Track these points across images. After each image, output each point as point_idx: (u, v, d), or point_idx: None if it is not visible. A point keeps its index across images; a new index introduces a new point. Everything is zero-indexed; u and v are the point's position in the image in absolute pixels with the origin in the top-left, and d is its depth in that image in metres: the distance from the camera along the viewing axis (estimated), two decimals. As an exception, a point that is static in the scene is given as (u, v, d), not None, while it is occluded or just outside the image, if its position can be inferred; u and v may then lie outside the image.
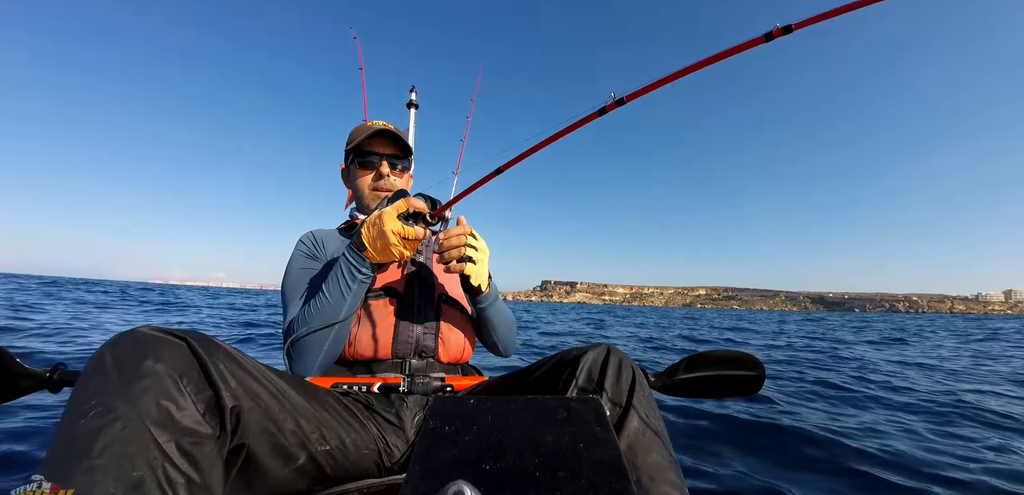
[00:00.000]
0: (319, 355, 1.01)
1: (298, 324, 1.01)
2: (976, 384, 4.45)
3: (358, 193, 1.30)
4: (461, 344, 1.18)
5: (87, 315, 8.36)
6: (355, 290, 1.01)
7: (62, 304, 10.53)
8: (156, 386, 0.58)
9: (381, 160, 1.27)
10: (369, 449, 0.90)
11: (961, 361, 6.50)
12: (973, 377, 4.93)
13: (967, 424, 2.90)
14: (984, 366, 5.91)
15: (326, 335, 1.00)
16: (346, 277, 1.01)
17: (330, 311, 1.00)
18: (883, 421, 2.89)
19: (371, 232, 1.00)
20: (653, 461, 0.70)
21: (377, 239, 0.99)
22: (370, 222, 1.02)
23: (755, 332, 13.29)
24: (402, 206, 1.01)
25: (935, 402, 3.45)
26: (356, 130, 1.31)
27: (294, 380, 0.83)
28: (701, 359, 1.30)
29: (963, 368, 5.68)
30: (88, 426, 0.54)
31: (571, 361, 0.82)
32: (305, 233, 1.24)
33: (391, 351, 1.08)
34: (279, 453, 0.74)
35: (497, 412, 0.45)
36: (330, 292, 1.01)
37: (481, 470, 0.38)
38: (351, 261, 1.02)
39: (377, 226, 1.00)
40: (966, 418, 3.03)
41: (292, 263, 1.17)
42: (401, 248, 0.99)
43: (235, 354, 0.71)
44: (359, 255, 1.02)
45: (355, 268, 1.01)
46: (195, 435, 0.59)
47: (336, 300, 1.00)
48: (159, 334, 0.63)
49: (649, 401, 0.78)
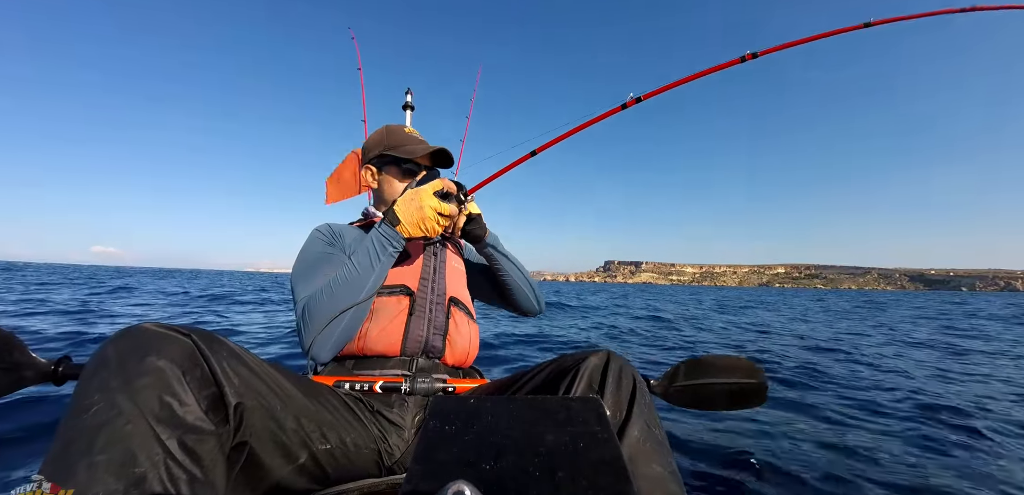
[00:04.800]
0: (336, 331, 0.98)
1: (317, 298, 0.99)
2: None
3: (392, 197, 1.30)
4: (466, 348, 1.19)
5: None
6: (384, 262, 1.04)
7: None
8: (159, 382, 0.58)
9: (421, 170, 1.30)
10: (369, 449, 0.90)
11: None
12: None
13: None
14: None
15: (346, 310, 0.98)
16: (377, 247, 1.04)
17: (355, 281, 1.00)
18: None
19: (408, 207, 1.06)
20: (654, 472, 0.69)
21: (415, 213, 1.05)
22: (406, 198, 1.08)
23: (837, 316, 9.88)
24: (438, 185, 1.09)
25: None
26: (400, 136, 1.31)
27: (296, 378, 0.83)
28: (701, 364, 1.29)
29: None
30: (90, 422, 0.54)
31: (572, 366, 0.82)
32: (321, 224, 1.23)
33: (400, 348, 1.08)
34: (281, 451, 0.74)
35: (497, 412, 0.45)
36: (358, 262, 1.02)
37: (481, 470, 0.38)
38: (384, 233, 1.06)
39: (415, 201, 1.06)
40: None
41: (308, 248, 1.15)
42: (436, 223, 1.06)
43: (239, 351, 0.71)
44: (392, 228, 1.06)
45: (388, 240, 1.05)
46: (198, 432, 0.60)
47: (364, 270, 1.01)
48: (162, 330, 0.63)
49: (650, 410, 0.78)
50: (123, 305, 8.86)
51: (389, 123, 1.39)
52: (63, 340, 4.58)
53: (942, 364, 4.94)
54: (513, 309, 1.44)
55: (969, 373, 4.40)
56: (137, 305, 9.15)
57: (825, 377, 4.01)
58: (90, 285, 15.14)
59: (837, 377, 4.03)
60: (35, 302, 8.15)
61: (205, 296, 12.49)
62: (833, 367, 4.50)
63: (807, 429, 2.60)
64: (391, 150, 1.28)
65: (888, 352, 5.61)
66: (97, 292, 11.64)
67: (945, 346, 6.18)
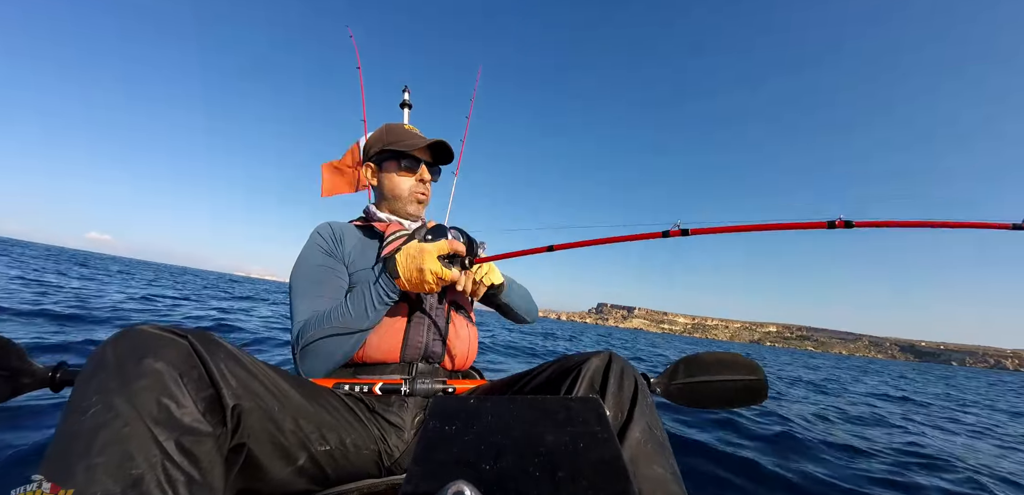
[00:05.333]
0: (330, 361, 1.00)
1: (313, 326, 0.99)
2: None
3: (392, 192, 1.28)
4: (466, 353, 1.18)
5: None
6: (380, 311, 1.02)
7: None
8: (156, 384, 0.58)
9: (420, 164, 1.28)
10: (369, 450, 0.90)
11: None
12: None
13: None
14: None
15: (341, 343, 0.99)
16: (374, 300, 1.01)
17: (351, 323, 0.99)
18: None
19: (409, 265, 1.00)
20: (656, 474, 0.69)
21: (415, 273, 0.99)
22: (409, 254, 1.01)
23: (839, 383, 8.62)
24: (445, 247, 1.01)
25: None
26: (399, 131, 1.29)
27: (295, 380, 0.83)
28: (700, 361, 1.29)
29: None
30: (88, 424, 0.54)
31: (573, 368, 0.81)
32: (321, 224, 1.21)
33: (400, 355, 1.08)
34: (279, 453, 0.74)
35: (497, 412, 0.45)
36: (354, 307, 1.00)
37: (481, 470, 0.38)
38: (383, 286, 1.02)
39: (417, 261, 0.99)
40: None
41: (307, 256, 1.13)
42: (433, 285, 1.00)
43: (236, 353, 0.71)
44: (391, 281, 1.01)
45: (386, 293, 1.02)
46: (195, 433, 0.59)
47: (358, 315, 1.00)
48: (160, 332, 0.63)
49: (652, 411, 0.77)
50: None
51: (390, 123, 1.38)
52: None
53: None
54: (508, 319, 1.44)
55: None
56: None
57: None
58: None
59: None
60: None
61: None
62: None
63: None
64: (390, 145, 1.27)
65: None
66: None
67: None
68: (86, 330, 3.94)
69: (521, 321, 1.46)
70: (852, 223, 0.95)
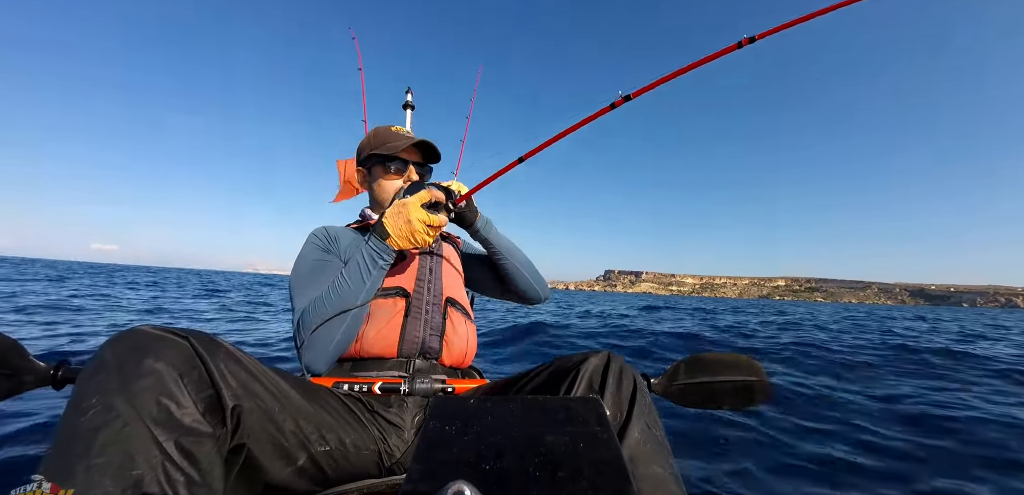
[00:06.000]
0: (330, 345, 0.99)
1: (312, 311, 1.00)
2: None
3: (381, 196, 1.30)
4: (464, 348, 1.19)
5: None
6: (375, 276, 1.04)
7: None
8: (156, 384, 0.58)
9: (408, 166, 1.29)
10: (369, 450, 0.90)
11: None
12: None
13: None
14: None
15: (340, 323, 0.99)
16: (367, 262, 1.03)
17: (348, 296, 1.00)
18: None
19: (396, 220, 1.04)
20: (655, 473, 0.69)
21: (403, 226, 1.03)
22: (394, 211, 1.06)
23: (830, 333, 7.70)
24: (425, 196, 1.06)
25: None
26: (384, 134, 1.30)
27: (295, 380, 0.83)
28: (701, 361, 1.28)
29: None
30: (88, 425, 0.54)
31: (572, 368, 0.81)
32: (317, 228, 1.23)
33: (397, 350, 1.08)
34: (279, 453, 0.74)
35: (497, 412, 0.45)
36: (350, 277, 1.02)
37: (481, 470, 0.38)
38: (374, 247, 1.04)
39: (403, 214, 1.04)
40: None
41: (304, 255, 1.15)
42: (425, 235, 1.04)
43: (236, 353, 0.71)
44: (382, 242, 1.04)
45: (378, 253, 1.04)
46: (195, 434, 0.60)
47: (355, 284, 1.01)
48: (160, 333, 0.63)
49: (651, 410, 0.78)
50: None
51: (390, 123, 1.39)
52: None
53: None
54: (516, 299, 1.43)
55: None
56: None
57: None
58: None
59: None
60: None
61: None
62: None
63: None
64: (376, 149, 1.29)
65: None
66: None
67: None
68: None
69: (530, 297, 1.41)
70: (755, 37, 1.09)
